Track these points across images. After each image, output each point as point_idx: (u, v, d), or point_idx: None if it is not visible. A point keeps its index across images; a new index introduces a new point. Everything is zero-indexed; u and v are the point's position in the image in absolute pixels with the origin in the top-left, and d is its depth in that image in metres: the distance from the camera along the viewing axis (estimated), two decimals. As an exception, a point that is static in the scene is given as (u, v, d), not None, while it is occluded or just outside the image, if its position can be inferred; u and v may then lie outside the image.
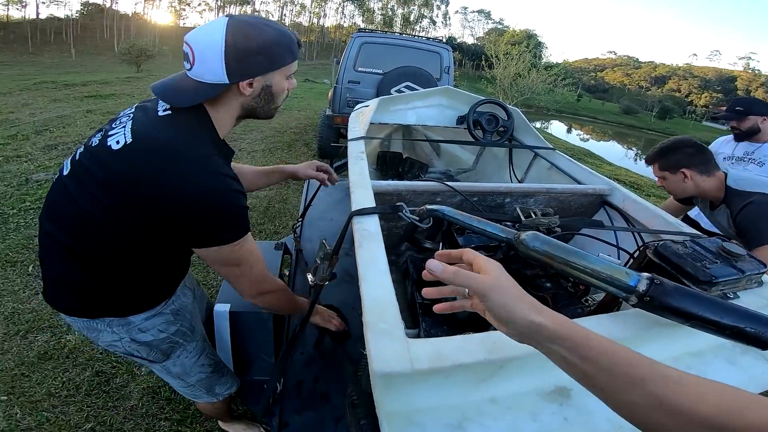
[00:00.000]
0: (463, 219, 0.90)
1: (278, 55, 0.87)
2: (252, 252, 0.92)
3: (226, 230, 0.83)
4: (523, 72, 16.25)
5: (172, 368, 1.08)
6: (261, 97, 0.90)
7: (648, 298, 0.62)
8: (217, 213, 0.80)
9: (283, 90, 0.94)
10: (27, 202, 3.29)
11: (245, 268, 0.92)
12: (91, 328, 0.94)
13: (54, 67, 25.54)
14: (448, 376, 0.61)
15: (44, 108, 7.54)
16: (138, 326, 0.96)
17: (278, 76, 0.90)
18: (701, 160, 1.45)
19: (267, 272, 0.99)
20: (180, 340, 1.06)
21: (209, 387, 1.19)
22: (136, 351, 1.00)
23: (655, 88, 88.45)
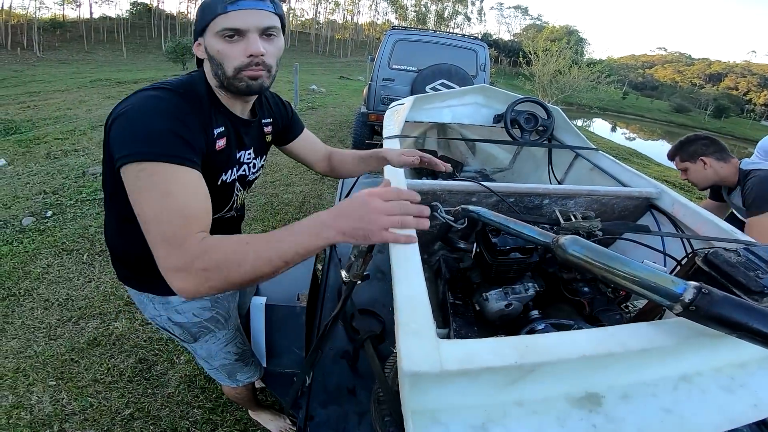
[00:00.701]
0: (498, 221, 0.89)
1: (203, 14, 0.78)
2: (164, 196, 0.66)
3: (126, 145, 0.68)
4: (563, 69, 15.70)
5: (198, 350, 1.15)
6: (210, 60, 0.82)
7: (694, 308, 0.59)
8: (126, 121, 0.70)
9: (219, 53, 0.78)
10: (83, 194, 3.54)
11: (145, 215, 0.67)
12: (139, 300, 1.04)
13: (107, 65, 27.27)
14: (476, 378, 0.60)
15: (99, 104, 8.07)
16: (175, 307, 1.02)
17: (209, 37, 0.79)
18: (716, 148, 1.63)
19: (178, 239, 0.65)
20: (211, 327, 1.11)
21: (231, 372, 1.25)
22: (171, 329, 1.07)
23: (710, 85, 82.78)
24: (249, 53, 0.77)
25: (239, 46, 0.77)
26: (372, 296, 1.49)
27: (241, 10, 0.75)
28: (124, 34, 48.71)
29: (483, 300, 1.12)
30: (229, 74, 0.79)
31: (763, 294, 0.72)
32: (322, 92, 13.05)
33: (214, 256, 0.63)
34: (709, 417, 0.66)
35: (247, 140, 0.95)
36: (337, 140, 6.37)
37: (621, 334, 0.65)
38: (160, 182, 0.66)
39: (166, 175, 0.67)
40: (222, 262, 0.63)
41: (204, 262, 0.62)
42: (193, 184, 0.71)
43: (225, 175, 0.89)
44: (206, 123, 0.80)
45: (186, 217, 0.66)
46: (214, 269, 0.62)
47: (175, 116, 0.72)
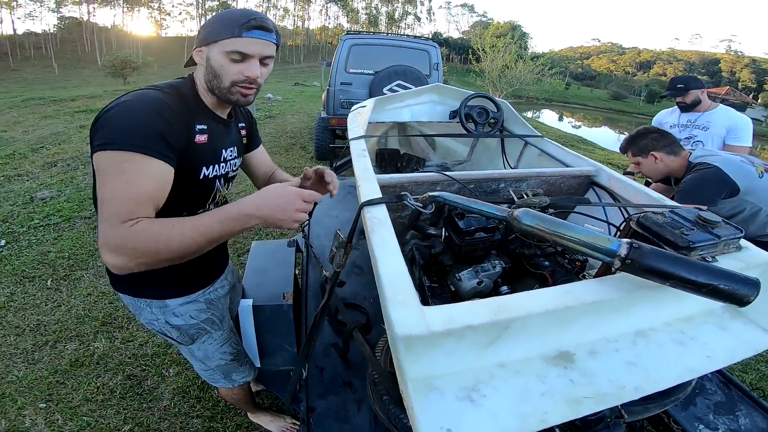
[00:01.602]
0: (462, 202, 0.99)
1: (216, 29, 0.87)
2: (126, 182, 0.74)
3: (109, 134, 0.75)
4: (510, 63, 16.37)
5: (195, 352, 1.19)
6: (208, 71, 0.90)
7: (629, 261, 0.69)
8: (119, 115, 0.77)
9: (222, 68, 0.87)
10: (35, 220, 3.36)
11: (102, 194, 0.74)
12: (134, 306, 1.06)
13: (38, 83, 25.43)
14: (460, 339, 0.68)
15: (36, 125, 7.55)
16: (173, 310, 1.07)
17: (216, 51, 0.87)
18: (666, 142, 1.67)
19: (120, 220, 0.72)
20: (208, 327, 1.16)
21: (227, 373, 1.28)
22: (168, 332, 1.10)
23: (641, 73, 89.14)
24: (247, 75, 0.88)
25: (240, 66, 0.88)
26: (353, 290, 1.58)
27: (253, 39, 0.87)
28: (54, 49, 45.47)
29: (457, 280, 1.24)
30: (225, 86, 0.89)
31: (690, 248, 0.82)
32: (278, 100, 12.85)
33: (144, 238, 0.72)
34: (670, 368, 0.75)
35: (228, 139, 1.03)
36: (299, 147, 6.36)
37: (575, 289, 0.76)
38: (128, 170, 0.74)
39: (134, 164, 0.75)
40: (152, 243, 0.73)
41: (135, 242, 0.72)
42: (157, 175, 0.78)
43: (207, 170, 0.95)
44: (188, 120, 0.88)
45: (137, 203, 0.75)
46: (144, 248, 0.72)
47: (158, 113, 0.79)
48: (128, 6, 59.74)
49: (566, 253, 1.30)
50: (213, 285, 1.16)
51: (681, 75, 2.58)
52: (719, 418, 1.20)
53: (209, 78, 0.90)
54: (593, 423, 0.89)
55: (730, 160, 1.57)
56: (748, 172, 1.54)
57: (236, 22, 0.85)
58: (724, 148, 2.32)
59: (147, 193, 0.76)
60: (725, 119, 2.30)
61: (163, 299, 1.05)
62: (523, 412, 0.64)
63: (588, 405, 0.67)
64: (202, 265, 1.08)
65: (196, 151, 0.89)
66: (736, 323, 0.87)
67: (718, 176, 1.52)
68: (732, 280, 0.64)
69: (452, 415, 0.63)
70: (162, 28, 66.85)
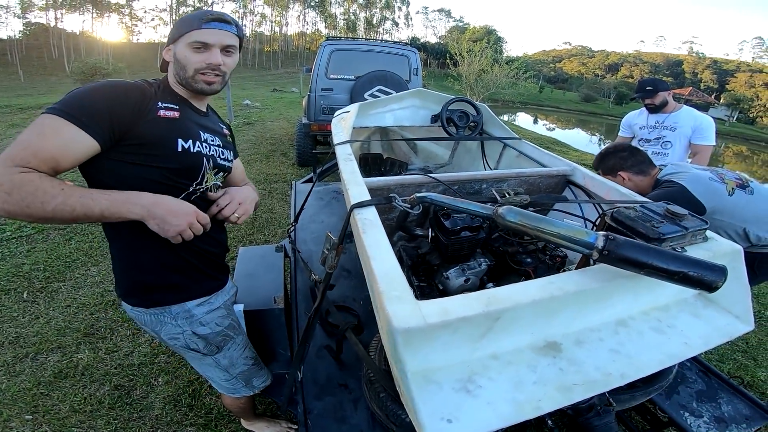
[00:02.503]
0: (448, 202, 1.04)
1: (180, 26, 0.97)
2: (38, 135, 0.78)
3: (57, 103, 0.81)
4: (486, 68, 16.71)
5: (221, 360, 1.18)
6: (175, 64, 0.99)
7: (606, 252, 0.75)
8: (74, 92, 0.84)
9: (186, 58, 0.96)
10: (7, 232, 3.23)
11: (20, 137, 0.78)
12: (157, 321, 1.05)
13: (3, 90, 24.27)
14: (455, 331, 0.71)
15: (3, 134, 7.23)
16: (199, 319, 1.08)
17: (181, 45, 0.97)
18: (635, 161, 1.64)
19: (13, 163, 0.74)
20: (231, 334, 1.17)
21: (248, 379, 1.28)
22: (194, 344, 1.10)
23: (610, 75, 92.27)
24: (209, 62, 0.96)
25: (203, 56, 0.96)
26: (342, 293, 1.60)
27: (211, 29, 0.96)
28: (19, 56, 43.63)
29: (444, 279, 1.28)
30: (189, 75, 0.97)
31: (660, 239, 0.87)
32: (257, 107, 12.72)
33: (25, 187, 0.74)
34: (651, 355, 0.80)
35: (207, 127, 1.07)
36: (279, 154, 6.31)
37: (558, 280, 0.81)
38: (46, 126, 0.79)
39: (54, 125, 0.79)
40: (29, 194, 0.73)
41: (14, 186, 0.73)
42: (67, 139, 0.80)
43: (185, 143, 0.97)
44: (150, 99, 0.93)
45: (36, 154, 0.76)
46: (19, 197, 0.73)
47: (108, 94, 0.85)
48: (98, 12, 57.93)
49: (547, 250, 1.36)
50: (225, 288, 1.18)
51: (648, 78, 2.72)
52: (702, 405, 1.27)
53: (177, 71, 0.99)
54: (584, 411, 0.95)
55: (698, 178, 1.50)
56: (716, 190, 1.47)
57: (196, 17, 0.96)
58: (690, 147, 2.45)
59: (49, 150, 0.78)
60: (690, 119, 2.42)
61: (183, 303, 1.05)
62: (518, 400, 0.68)
63: (578, 392, 0.71)
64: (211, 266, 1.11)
65: (162, 123, 0.93)
66: (708, 311, 0.93)
67: (681, 195, 1.46)
68: (701, 267, 0.69)
69: (451, 405, 0.66)
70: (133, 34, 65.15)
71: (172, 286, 1.04)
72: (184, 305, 1.05)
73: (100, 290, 2.54)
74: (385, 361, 0.94)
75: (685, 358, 0.84)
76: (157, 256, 0.99)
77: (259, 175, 5.09)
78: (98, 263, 2.87)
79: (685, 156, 2.51)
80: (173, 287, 1.04)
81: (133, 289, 1.03)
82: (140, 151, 0.89)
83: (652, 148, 2.55)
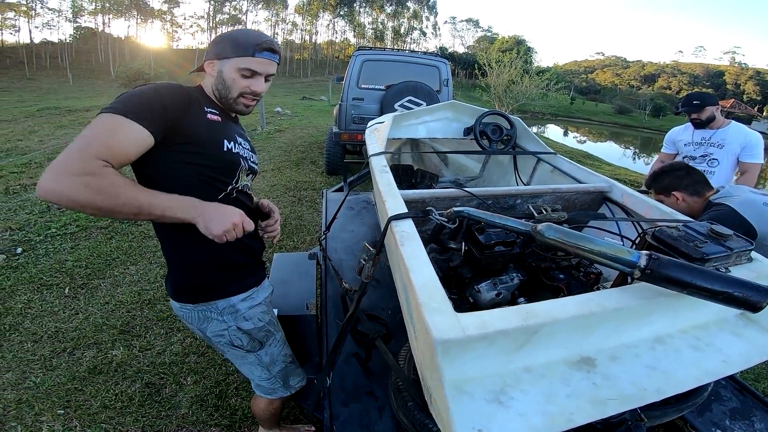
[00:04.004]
0: (486, 217, 1.04)
1: (231, 47, 1.01)
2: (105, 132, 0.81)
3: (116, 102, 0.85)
4: (516, 78, 16.55)
5: (264, 357, 1.21)
6: (217, 81, 1.04)
7: (649, 271, 0.74)
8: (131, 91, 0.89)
9: (233, 81, 1.01)
10: (52, 229, 3.43)
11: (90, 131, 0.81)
12: (203, 318, 1.09)
13: (53, 93, 25.90)
14: (492, 344, 0.71)
15: (51, 134, 7.72)
16: (243, 314, 1.12)
17: (228, 66, 1.01)
18: (690, 181, 1.58)
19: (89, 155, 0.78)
20: (272, 330, 1.21)
21: (285, 378, 1.31)
22: (238, 340, 1.14)
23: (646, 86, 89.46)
24: (254, 90, 1.04)
25: (248, 81, 1.03)
26: (371, 302, 1.62)
27: (262, 59, 1.02)
28: (68, 59, 46.47)
29: (476, 292, 1.27)
30: (232, 96, 1.04)
31: (703, 260, 0.86)
32: (287, 114, 13.04)
33: (106, 179, 0.78)
34: (688, 371, 0.79)
35: (240, 132, 1.14)
36: (309, 161, 6.44)
37: (598, 297, 0.80)
38: (112, 123, 0.82)
39: (119, 122, 0.83)
40: (106, 186, 0.77)
41: (95, 178, 0.76)
42: (135, 139, 0.85)
43: (229, 144, 1.04)
44: (200, 103, 0.99)
45: (112, 151, 0.81)
46: (95, 186, 0.76)
47: (159, 93, 0.89)
48: (142, 17, 61.17)
49: (581, 267, 1.34)
50: (264, 284, 1.21)
51: (696, 91, 2.61)
52: (735, 423, 1.24)
53: (219, 88, 1.04)
54: (615, 426, 0.92)
55: (750, 201, 1.46)
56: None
57: (250, 44, 1.00)
58: (738, 165, 2.35)
59: (119, 146, 0.82)
60: (740, 136, 2.32)
61: (228, 297, 1.09)
62: (550, 413, 0.68)
63: (612, 406, 0.70)
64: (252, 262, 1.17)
65: (212, 125, 1.00)
66: (749, 330, 0.90)
67: (731, 217, 1.42)
68: (746, 288, 0.68)
69: (483, 416, 0.66)
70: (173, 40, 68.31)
71: (218, 282, 1.08)
72: (230, 300, 1.09)
73: (137, 288, 2.65)
74: (414, 371, 0.94)
75: (723, 375, 0.82)
76: (203, 254, 1.05)
77: (289, 182, 5.21)
78: (137, 262, 3.00)
79: (733, 174, 2.40)
80: (219, 283, 1.08)
81: (182, 287, 1.08)
82: (188, 149, 0.94)
83: (698, 166, 2.44)
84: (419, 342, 0.79)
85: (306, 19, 70.81)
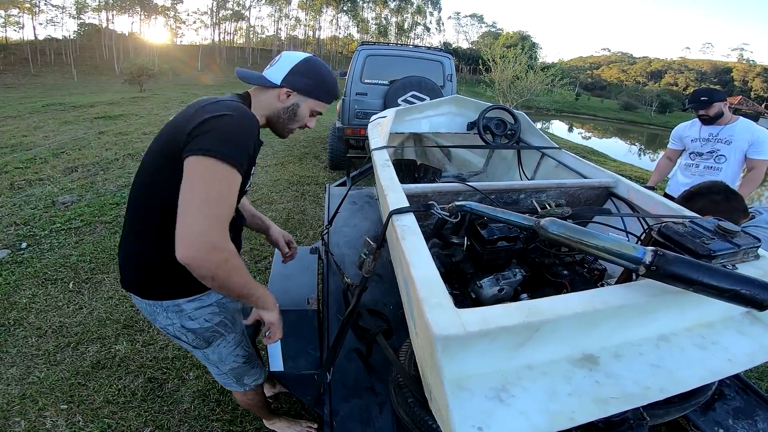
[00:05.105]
0: (488, 212, 1.02)
1: (317, 90, 1.10)
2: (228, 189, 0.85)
3: (221, 144, 0.84)
4: (520, 74, 16.43)
5: (210, 355, 1.22)
6: (287, 111, 1.10)
7: (654, 267, 0.72)
8: (226, 127, 0.88)
9: (304, 118, 1.13)
10: (57, 224, 3.45)
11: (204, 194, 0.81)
12: (150, 311, 1.11)
13: (58, 89, 26.00)
14: (493, 340, 0.70)
15: (56, 130, 7.75)
16: (189, 314, 1.11)
17: (307, 104, 1.11)
18: (727, 208, 1.43)
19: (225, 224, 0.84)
20: (222, 331, 1.20)
21: (239, 376, 1.31)
22: (184, 336, 1.15)
23: (652, 83, 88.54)
24: (308, 126, 1.17)
25: (310, 120, 1.15)
26: (373, 297, 1.61)
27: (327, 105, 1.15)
28: (73, 56, 46.59)
29: (478, 287, 1.26)
30: (291, 126, 1.14)
31: (710, 257, 0.84)
32: (290, 108, 13.01)
33: (235, 261, 0.86)
34: (692, 370, 0.77)
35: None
36: (312, 156, 6.43)
37: (602, 294, 0.79)
38: (230, 179, 0.86)
39: (233, 178, 0.86)
40: (235, 268, 0.87)
41: (229, 256, 0.84)
42: (238, 186, 0.89)
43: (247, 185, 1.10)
44: (258, 138, 1.02)
45: (231, 206, 0.86)
46: (229, 267, 0.84)
47: (252, 134, 0.94)
48: (145, 14, 61.18)
49: (585, 263, 1.32)
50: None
51: (704, 87, 2.57)
52: (738, 422, 1.23)
53: (284, 116, 1.11)
54: (616, 425, 0.91)
55: None
56: None
57: (331, 93, 1.14)
58: (745, 162, 2.32)
59: (234, 200, 0.87)
60: (747, 133, 2.29)
61: (174, 299, 1.08)
62: (551, 411, 0.67)
63: (615, 404, 0.69)
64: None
65: (253, 161, 1.04)
66: (755, 329, 0.89)
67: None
68: (753, 286, 0.67)
69: (483, 413, 0.65)
70: (177, 36, 68.29)
71: (165, 285, 1.08)
72: (175, 300, 1.09)
73: (140, 282, 2.65)
74: (415, 367, 0.94)
75: (728, 374, 0.81)
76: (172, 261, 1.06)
77: (292, 177, 5.21)
78: (139, 256, 3.01)
79: (740, 171, 2.37)
80: (166, 286, 1.08)
81: (132, 280, 1.09)
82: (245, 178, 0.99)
83: (704, 162, 2.42)
84: (420, 338, 0.78)
85: (309, 15, 70.53)
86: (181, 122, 0.93)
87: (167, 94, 16.48)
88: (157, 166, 0.97)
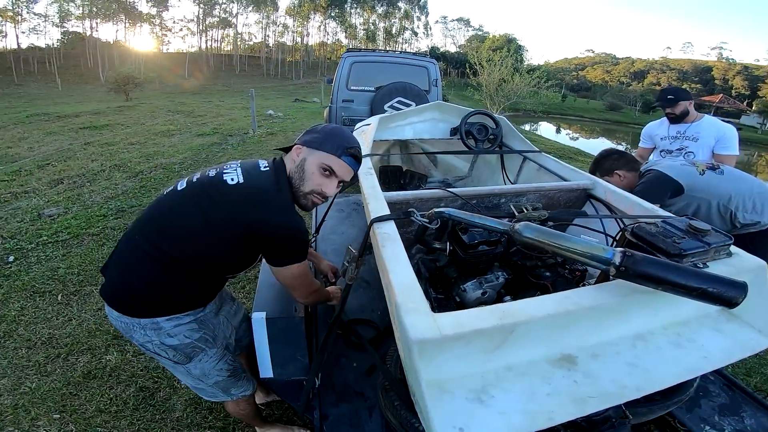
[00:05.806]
0: (465, 217, 1.06)
1: (322, 141, 1.10)
2: (307, 269, 1.18)
3: (297, 254, 1.09)
4: (507, 77, 16.60)
5: (192, 370, 1.23)
6: (298, 168, 1.11)
7: (623, 268, 0.74)
8: (293, 241, 1.06)
9: (311, 174, 1.10)
10: (43, 237, 3.41)
11: (304, 280, 1.18)
12: (126, 328, 1.12)
13: (42, 98, 25.56)
14: (468, 343, 0.73)
15: (41, 141, 7.63)
16: (167, 331, 1.13)
17: (313, 157, 1.10)
18: (626, 160, 1.87)
19: (314, 279, 1.26)
20: (202, 345, 1.21)
21: (225, 388, 1.33)
22: (164, 352, 1.16)
23: (636, 83, 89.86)
24: (324, 191, 1.12)
25: (322, 180, 1.11)
26: (361, 303, 1.63)
27: (345, 163, 1.11)
28: (57, 64, 45.90)
29: (462, 291, 1.29)
30: (304, 190, 1.11)
31: (681, 255, 0.87)
32: (279, 117, 12.96)
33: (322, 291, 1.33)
34: (669, 368, 0.80)
35: None
36: (300, 161, 6.42)
37: (575, 295, 0.82)
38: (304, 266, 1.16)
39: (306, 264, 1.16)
40: (318, 297, 1.32)
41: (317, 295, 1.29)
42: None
43: None
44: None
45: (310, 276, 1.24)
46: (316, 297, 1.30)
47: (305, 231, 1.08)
48: (130, 21, 60.59)
49: (566, 264, 1.36)
50: (204, 309, 1.23)
51: (670, 86, 2.67)
52: (724, 419, 1.24)
53: (297, 173, 1.11)
54: (599, 424, 0.94)
55: (670, 165, 1.80)
56: (689, 171, 1.74)
57: (341, 145, 1.10)
58: (713, 158, 2.40)
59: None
60: (713, 129, 2.39)
61: (152, 317, 1.09)
62: (531, 411, 0.69)
63: (593, 404, 0.72)
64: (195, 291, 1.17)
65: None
66: (731, 326, 0.92)
67: (660, 178, 1.72)
68: (720, 284, 0.69)
69: (463, 415, 0.68)
70: (163, 44, 67.73)
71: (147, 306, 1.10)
72: (154, 319, 1.10)
73: (129, 294, 2.64)
74: (401, 371, 0.96)
75: (704, 372, 0.83)
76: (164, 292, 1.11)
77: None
78: (128, 268, 2.99)
79: None
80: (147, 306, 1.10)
81: (121, 300, 1.10)
82: None
83: (675, 160, 2.50)
84: (400, 342, 0.81)
85: (297, 21, 70.52)
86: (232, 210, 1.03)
87: (154, 103, 16.30)
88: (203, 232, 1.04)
